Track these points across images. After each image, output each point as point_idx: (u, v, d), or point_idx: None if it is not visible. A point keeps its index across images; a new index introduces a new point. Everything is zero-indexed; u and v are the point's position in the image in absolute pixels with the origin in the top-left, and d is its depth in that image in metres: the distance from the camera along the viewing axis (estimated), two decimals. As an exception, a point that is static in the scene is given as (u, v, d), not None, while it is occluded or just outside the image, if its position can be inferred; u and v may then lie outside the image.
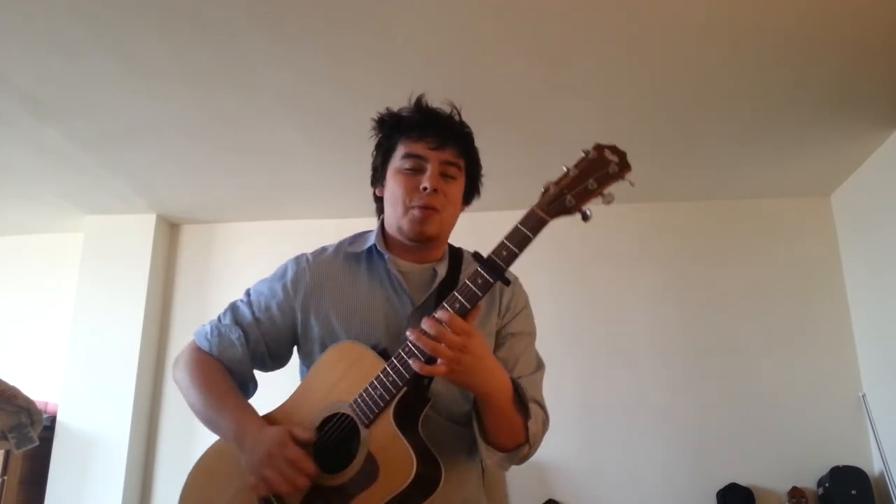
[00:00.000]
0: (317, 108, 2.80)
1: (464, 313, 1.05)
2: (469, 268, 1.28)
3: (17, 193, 3.64)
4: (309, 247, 1.43)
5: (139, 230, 3.86)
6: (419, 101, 1.32)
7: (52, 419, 3.54)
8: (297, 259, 1.36)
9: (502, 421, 1.14)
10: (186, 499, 1.25)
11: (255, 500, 1.14)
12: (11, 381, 2.35)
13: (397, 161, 1.29)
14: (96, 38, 2.33)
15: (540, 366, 1.32)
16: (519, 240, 1.04)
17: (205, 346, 1.33)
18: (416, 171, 1.26)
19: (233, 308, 1.37)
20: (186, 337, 1.18)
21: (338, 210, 3.78)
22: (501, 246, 1.05)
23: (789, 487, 3.11)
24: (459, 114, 1.32)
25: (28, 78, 2.57)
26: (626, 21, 2.27)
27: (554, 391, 1.54)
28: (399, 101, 1.37)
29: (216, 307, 1.40)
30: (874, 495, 3.05)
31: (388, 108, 1.34)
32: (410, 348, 1.07)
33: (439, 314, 1.05)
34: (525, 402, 1.17)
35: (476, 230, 1.45)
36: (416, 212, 1.24)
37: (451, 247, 1.36)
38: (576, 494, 3.35)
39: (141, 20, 2.24)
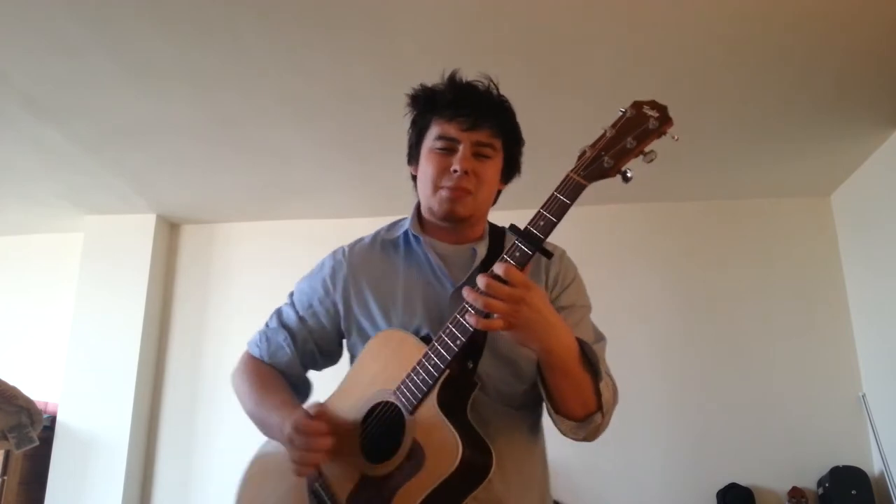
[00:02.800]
0: (317, 108, 2.80)
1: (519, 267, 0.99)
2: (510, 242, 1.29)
3: (17, 193, 3.64)
4: (308, 247, 1.43)
5: (139, 230, 3.86)
6: (452, 76, 1.26)
7: (52, 419, 3.54)
8: (334, 253, 1.35)
9: (569, 383, 1.07)
10: (243, 496, 1.27)
11: (306, 495, 1.15)
12: (11, 381, 2.35)
13: (430, 141, 1.24)
14: (96, 38, 2.33)
15: (600, 337, 1.27)
16: (556, 208, 0.99)
17: (255, 352, 1.33)
18: (449, 151, 1.21)
19: (278, 312, 1.36)
20: (187, 337, 1.18)
21: (338, 210, 3.78)
22: (538, 216, 1.00)
23: (789, 487, 3.11)
24: (497, 88, 1.25)
25: (28, 78, 2.57)
26: (626, 21, 2.27)
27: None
28: (399, 100, 1.36)
29: (216, 307, 1.41)
30: (874, 495, 3.05)
31: (421, 85, 1.29)
32: (455, 320, 1.02)
33: (496, 267, 0.98)
34: (595, 363, 1.10)
35: None
36: (444, 192, 1.20)
37: (492, 226, 1.31)
38: (576, 494, 3.35)
39: (141, 20, 2.24)
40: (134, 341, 3.68)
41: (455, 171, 1.19)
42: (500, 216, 1.33)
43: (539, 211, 1.01)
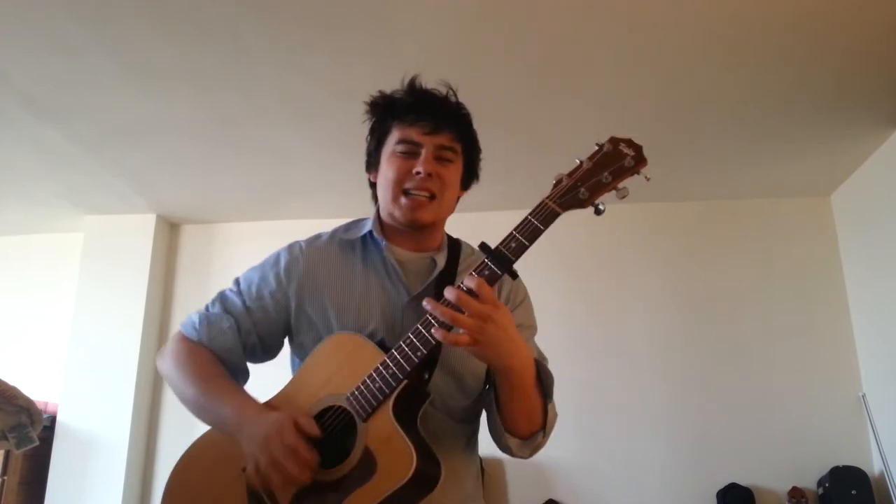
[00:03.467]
0: (317, 108, 2.80)
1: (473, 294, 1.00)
2: (471, 259, 1.27)
3: (17, 193, 3.64)
4: None
5: (139, 230, 3.86)
6: (412, 82, 1.26)
7: (52, 419, 3.54)
8: (290, 247, 1.31)
9: (522, 401, 1.10)
10: (173, 489, 1.19)
11: (245, 494, 1.09)
12: (11, 381, 2.35)
13: (391, 145, 1.25)
14: (96, 38, 2.33)
15: (543, 358, 1.28)
16: (530, 231, 1.01)
17: (193, 335, 1.25)
18: (410, 154, 1.22)
19: (222, 297, 1.30)
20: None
21: (338, 210, 3.77)
22: (510, 237, 1.02)
23: (789, 487, 3.11)
24: (456, 95, 1.26)
25: (28, 78, 2.57)
26: (626, 22, 2.27)
27: (554, 390, 1.53)
28: (398, 100, 1.36)
29: None
30: (874, 495, 3.05)
31: (380, 91, 1.29)
32: (418, 332, 1.03)
33: (466, 282, 0.99)
34: (547, 385, 1.13)
35: (474, 231, 1.43)
36: (404, 199, 1.20)
37: (449, 238, 1.32)
38: (576, 494, 3.35)
39: (141, 20, 2.24)
40: (134, 341, 3.68)
41: (418, 172, 1.19)
42: (499, 216, 1.33)
43: (512, 232, 1.02)
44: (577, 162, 1.04)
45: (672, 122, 2.92)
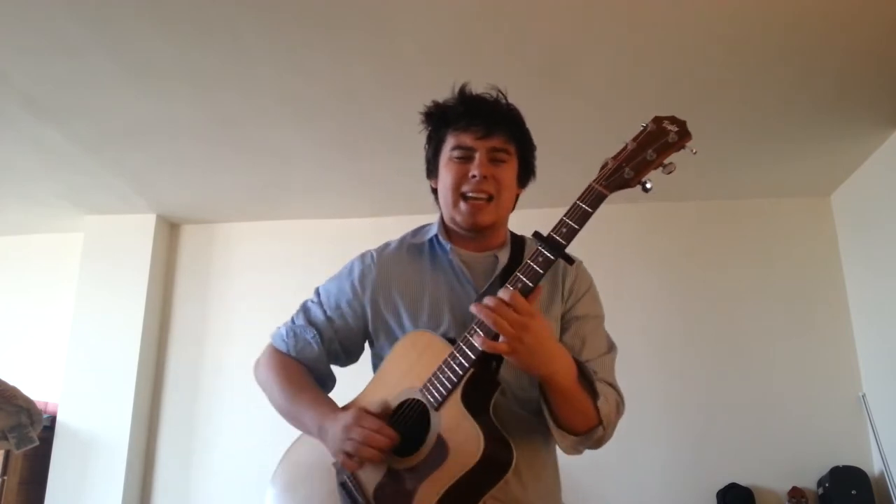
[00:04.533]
0: (317, 108, 2.80)
1: (526, 293, 1.05)
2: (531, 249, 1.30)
3: (17, 193, 3.64)
4: (308, 247, 1.44)
5: (139, 230, 3.86)
6: (462, 90, 1.32)
7: (52, 419, 3.55)
8: (363, 256, 1.39)
9: (569, 403, 1.13)
10: (276, 484, 1.31)
11: (335, 488, 1.19)
12: (11, 381, 2.35)
13: (447, 152, 1.30)
14: (96, 38, 2.33)
15: (611, 348, 1.33)
16: (579, 215, 1.05)
17: (282, 347, 1.36)
18: (466, 159, 1.27)
19: (304, 309, 1.39)
20: (187, 337, 1.19)
21: (338, 210, 3.78)
22: (561, 223, 1.06)
23: (789, 487, 3.11)
24: (506, 97, 1.31)
25: (28, 78, 2.57)
26: (626, 22, 2.27)
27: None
28: (399, 100, 1.38)
29: (216, 307, 1.41)
30: (874, 495, 3.05)
31: (434, 101, 1.35)
32: (475, 327, 1.07)
33: (502, 293, 1.04)
34: (592, 383, 1.17)
35: None
36: (463, 205, 1.26)
37: (513, 234, 1.36)
38: (576, 494, 3.34)
39: (141, 20, 2.24)
40: (134, 341, 3.68)
41: (474, 176, 1.24)
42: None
43: (562, 218, 1.07)
44: (623, 144, 1.06)
45: (672, 122, 2.91)
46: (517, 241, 1.34)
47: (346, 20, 2.25)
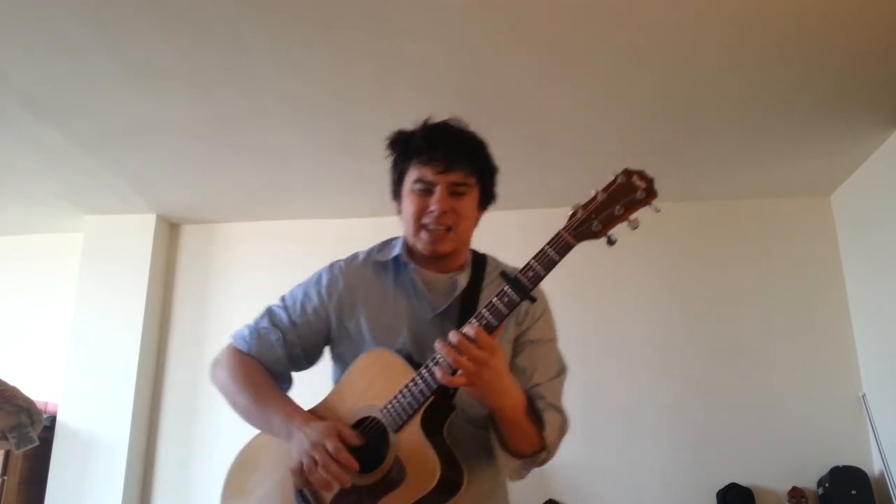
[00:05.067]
0: (317, 108, 2.80)
1: (490, 330, 1.10)
2: (493, 280, 1.37)
3: (17, 193, 3.64)
4: (308, 247, 1.46)
5: (139, 230, 3.86)
6: (426, 123, 1.35)
7: (52, 419, 3.54)
8: (331, 266, 1.44)
9: (517, 431, 1.21)
10: (230, 484, 1.35)
11: (292, 492, 1.22)
12: (11, 381, 2.35)
13: (409, 182, 1.34)
14: (96, 38, 2.33)
15: (561, 371, 1.38)
16: (546, 262, 1.10)
17: (244, 347, 1.39)
18: (427, 192, 1.31)
19: (269, 312, 1.43)
20: (187, 337, 1.19)
21: (338, 210, 3.78)
22: (528, 267, 1.11)
23: (789, 487, 3.11)
24: (467, 129, 1.35)
25: (28, 78, 2.57)
26: (627, 22, 2.27)
27: (554, 391, 1.54)
28: (399, 100, 1.39)
29: (216, 307, 1.43)
30: (874, 495, 3.05)
31: (399, 130, 1.39)
32: (437, 359, 1.13)
33: (466, 329, 1.10)
34: (539, 416, 1.24)
35: (478, 229, 1.46)
36: (424, 234, 1.31)
37: (475, 254, 1.42)
38: (576, 494, 3.34)
39: (141, 20, 2.24)
40: (134, 341, 3.68)
41: (433, 210, 1.30)
42: (500, 216, 1.34)
43: (529, 262, 1.11)
44: (592, 193, 1.10)
45: (672, 122, 2.92)
46: (478, 262, 1.40)
47: (346, 20, 2.25)
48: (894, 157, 3.03)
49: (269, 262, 3.86)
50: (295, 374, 1.44)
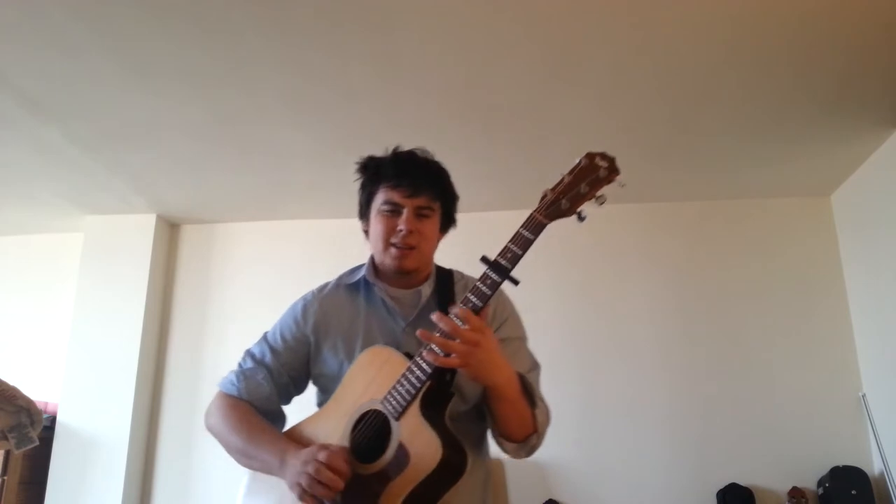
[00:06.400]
0: (317, 108, 2.80)
1: (476, 311, 1.17)
2: (462, 283, 1.49)
3: (17, 193, 3.64)
4: (308, 247, 1.49)
5: (139, 230, 3.86)
6: (395, 151, 1.46)
7: (52, 419, 3.54)
8: (304, 297, 1.53)
9: (512, 411, 1.27)
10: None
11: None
12: (11, 381, 2.35)
13: (378, 204, 1.44)
14: (96, 38, 2.33)
15: (534, 366, 1.45)
16: (522, 242, 1.17)
17: (233, 391, 1.45)
18: (395, 213, 1.41)
19: (250, 353, 1.50)
20: (187, 336, 1.20)
21: (338, 210, 3.78)
22: (506, 249, 1.18)
23: (789, 487, 3.11)
24: (433, 159, 1.46)
25: (28, 78, 2.57)
26: (628, 22, 2.27)
27: (554, 390, 1.55)
28: (399, 100, 1.40)
29: (216, 307, 1.45)
30: (874, 495, 3.05)
31: (369, 156, 1.49)
32: (430, 346, 1.18)
33: (455, 311, 1.17)
34: (531, 394, 1.32)
35: (480, 229, 1.49)
36: (393, 250, 1.40)
37: (439, 269, 1.52)
38: (576, 494, 3.35)
39: (141, 20, 2.24)
40: (134, 341, 3.68)
41: (401, 230, 1.39)
42: (500, 216, 1.35)
43: (507, 244, 1.19)
44: (560, 177, 1.18)
45: (672, 122, 2.92)
46: (443, 275, 1.51)
47: (347, 20, 2.25)
48: (894, 157, 3.03)
49: (269, 262, 3.86)
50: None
